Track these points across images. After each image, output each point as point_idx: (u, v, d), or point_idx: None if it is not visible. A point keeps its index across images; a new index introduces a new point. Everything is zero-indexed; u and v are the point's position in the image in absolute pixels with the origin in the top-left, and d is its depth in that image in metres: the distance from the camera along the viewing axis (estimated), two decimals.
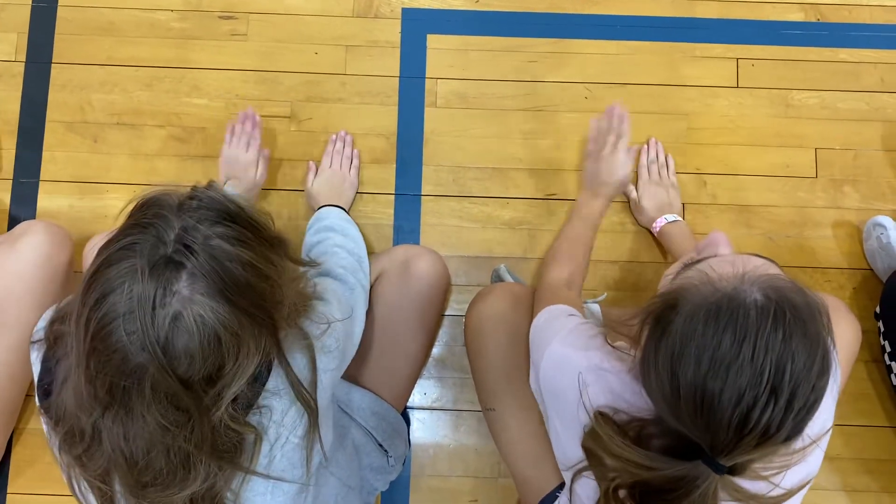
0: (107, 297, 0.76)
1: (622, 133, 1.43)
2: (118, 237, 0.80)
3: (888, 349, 1.43)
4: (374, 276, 1.36)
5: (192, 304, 0.77)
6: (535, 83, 1.65)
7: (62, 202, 1.60)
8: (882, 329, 1.45)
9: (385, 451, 1.31)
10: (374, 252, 1.53)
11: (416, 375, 1.46)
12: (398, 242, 1.58)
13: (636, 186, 1.56)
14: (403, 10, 1.69)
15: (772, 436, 0.77)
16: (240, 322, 0.80)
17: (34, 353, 0.95)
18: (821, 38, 1.68)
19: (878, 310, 1.47)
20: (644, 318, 0.86)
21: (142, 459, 0.82)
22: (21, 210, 1.59)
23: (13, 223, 1.55)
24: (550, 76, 1.66)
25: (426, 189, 1.61)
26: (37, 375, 0.94)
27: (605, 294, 1.53)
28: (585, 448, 0.92)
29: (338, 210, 1.42)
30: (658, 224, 1.51)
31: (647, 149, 1.60)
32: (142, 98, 1.64)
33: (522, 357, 1.26)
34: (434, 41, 1.68)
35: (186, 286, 0.77)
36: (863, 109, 1.65)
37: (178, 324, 0.76)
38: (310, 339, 0.95)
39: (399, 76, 1.65)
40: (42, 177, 1.61)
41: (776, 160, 1.63)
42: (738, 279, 0.81)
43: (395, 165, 1.62)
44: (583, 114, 1.63)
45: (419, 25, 1.68)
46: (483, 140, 1.63)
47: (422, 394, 1.52)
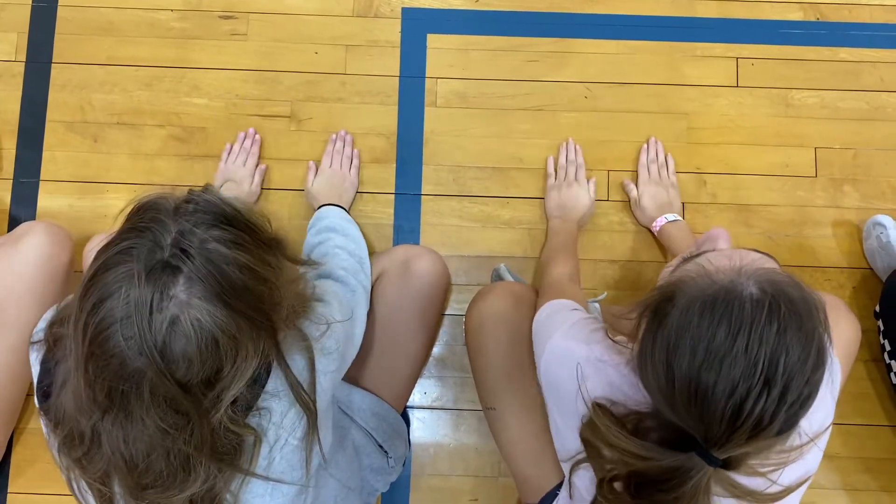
0: (104, 302, 0.76)
1: (580, 164, 1.57)
2: (115, 241, 0.80)
3: (888, 348, 1.43)
4: (375, 276, 1.36)
5: (190, 309, 0.76)
6: (535, 83, 1.65)
7: (62, 202, 1.60)
8: (882, 328, 1.45)
9: (385, 452, 1.31)
10: (375, 252, 1.53)
11: (417, 375, 1.47)
12: (398, 242, 1.58)
13: (636, 185, 1.57)
14: (403, 10, 1.69)
15: (764, 428, 0.78)
16: (237, 325, 0.79)
17: (33, 355, 0.95)
18: (821, 38, 1.68)
19: (878, 309, 1.47)
20: (642, 311, 0.87)
21: (142, 462, 0.82)
22: (21, 210, 1.59)
23: (13, 223, 1.55)
24: (550, 76, 1.66)
25: (426, 189, 1.61)
26: (36, 377, 0.94)
27: (606, 293, 1.53)
28: (583, 439, 0.93)
29: (338, 210, 1.42)
30: (658, 223, 1.51)
31: (647, 148, 1.60)
32: (142, 98, 1.64)
33: (523, 356, 1.26)
34: (434, 41, 1.68)
35: (183, 290, 0.76)
36: (863, 109, 1.65)
37: (176, 328, 0.76)
38: (309, 341, 0.95)
39: (399, 76, 1.65)
40: (42, 177, 1.61)
41: (776, 159, 1.63)
42: (735, 272, 0.81)
43: (395, 165, 1.62)
44: (583, 113, 1.64)
45: (419, 25, 1.68)
46: (483, 140, 1.63)
47: (422, 393, 1.52)
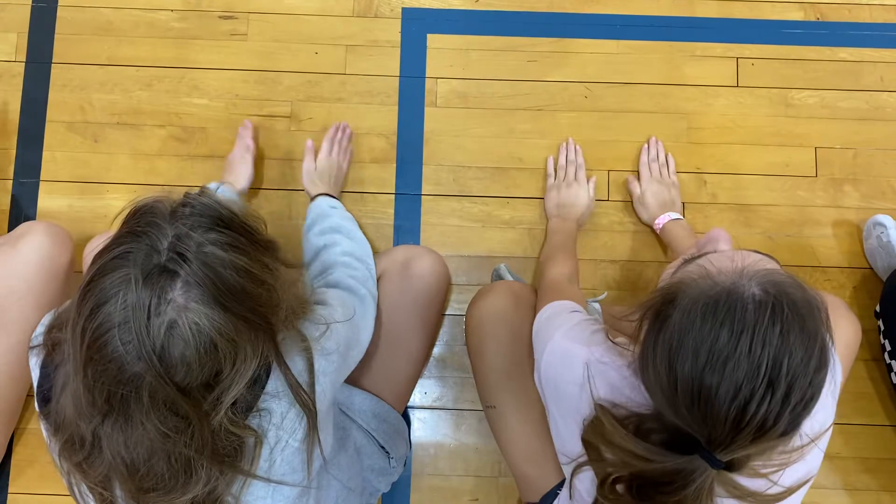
0: (101, 307, 0.76)
1: (580, 164, 1.57)
2: (112, 245, 0.80)
3: (888, 348, 1.43)
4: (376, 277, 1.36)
5: (188, 312, 0.76)
6: (535, 83, 1.65)
7: (62, 202, 1.60)
8: (882, 328, 1.45)
9: (387, 453, 1.31)
10: (375, 252, 1.53)
11: (417, 375, 1.47)
12: (398, 242, 1.58)
13: (639, 183, 1.56)
14: (403, 10, 1.69)
15: (768, 430, 0.78)
16: (236, 328, 0.80)
17: (33, 359, 0.95)
18: (821, 38, 1.68)
19: (878, 308, 1.47)
20: (643, 313, 0.87)
21: (143, 466, 0.82)
22: (21, 210, 1.59)
23: (13, 223, 1.55)
24: (550, 76, 1.66)
25: (426, 189, 1.61)
26: (36, 381, 0.94)
27: (606, 293, 1.53)
28: (585, 441, 0.93)
29: (338, 205, 1.41)
30: (661, 221, 1.51)
31: (648, 147, 1.60)
32: (142, 98, 1.64)
33: (523, 355, 1.26)
34: (434, 41, 1.68)
35: (181, 294, 0.76)
36: (863, 109, 1.65)
37: (174, 332, 0.76)
38: (308, 342, 0.95)
39: (399, 76, 1.65)
40: (42, 177, 1.61)
41: (776, 159, 1.63)
42: (737, 274, 0.81)
43: (395, 165, 1.62)
44: (583, 113, 1.64)
45: (419, 25, 1.68)
46: (483, 140, 1.63)
47: (422, 393, 1.52)
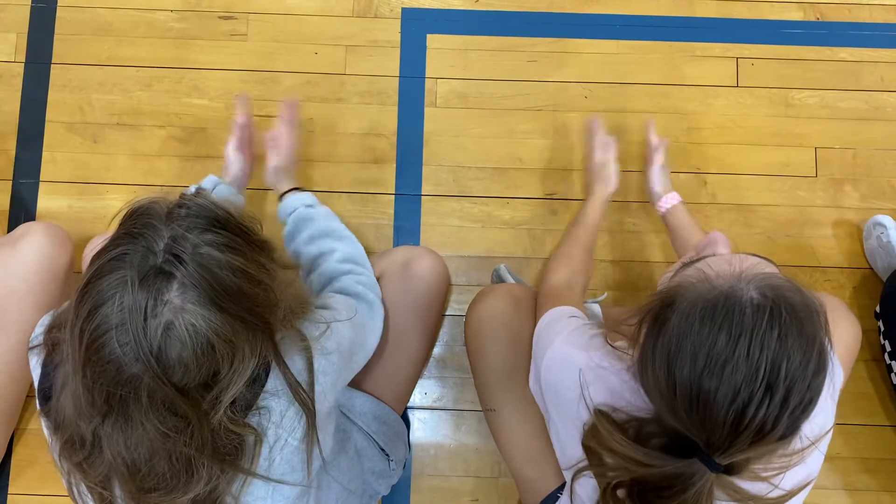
0: (98, 309, 0.76)
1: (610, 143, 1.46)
2: (108, 247, 0.80)
3: (888, 348, 1.43)
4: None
5: (184, 314, 0.77)
6: (535, 83, 1.65)
7: (62, 202, 1.59)
8: (882, 328, 1.45)
9: (387, 455, 1.31)
10: (375, 253, 1.53)
11: (417, 376, 1.46)
12: (398, 242, 1.58)
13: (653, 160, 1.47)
14: (403, 10, 1.69)
15: (767, 433, 0.77)
16: (233, 328, 0.80)
17: (33, 359, 0.95)
18: (820, 38, 1.68)
19: (879, 309, 1.47)
20: (642, 317, 0.87)
21: (144, 466, 0.82)
22: (21, 211, 1.59)
23: (13, 224, 1.55)
24: (550, 76, 1.66)
25: (426, 189, 1.61)
26: (37, 380, 0.94)
27: (606, 294, 1.53)
28: (585, 446, 0.92)
29: (313, 201, 1.31)
30: (668, 201, 1.42)
31: (649, 130, 1.52)
32: (142, 98, 1.64)
33: (523, 357, 1.26)
34: (434, 41, 1.68)
35: (177, 295, 0.77)
36: (863, 109, 1.65)
37: (171, 333, 0.76)
38: (308, 341, 0.95)
39: (399, 76, 1.65)
40: (42, 177, 1.61)
41: (776, 159, 1.63)
42: (735, 277, 0.81)
43: (395, 165, 1.61)
44: (583, 113, 1.63)
45: (419, 25, 1.68)
46: (483, 140, 1.63)
47: (422, 393, 1.52)
